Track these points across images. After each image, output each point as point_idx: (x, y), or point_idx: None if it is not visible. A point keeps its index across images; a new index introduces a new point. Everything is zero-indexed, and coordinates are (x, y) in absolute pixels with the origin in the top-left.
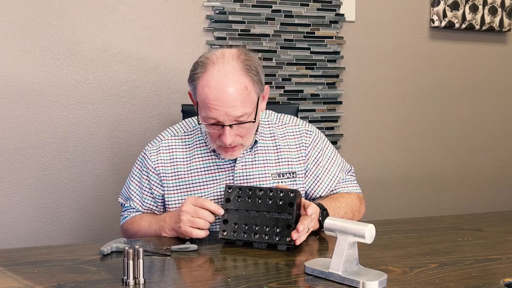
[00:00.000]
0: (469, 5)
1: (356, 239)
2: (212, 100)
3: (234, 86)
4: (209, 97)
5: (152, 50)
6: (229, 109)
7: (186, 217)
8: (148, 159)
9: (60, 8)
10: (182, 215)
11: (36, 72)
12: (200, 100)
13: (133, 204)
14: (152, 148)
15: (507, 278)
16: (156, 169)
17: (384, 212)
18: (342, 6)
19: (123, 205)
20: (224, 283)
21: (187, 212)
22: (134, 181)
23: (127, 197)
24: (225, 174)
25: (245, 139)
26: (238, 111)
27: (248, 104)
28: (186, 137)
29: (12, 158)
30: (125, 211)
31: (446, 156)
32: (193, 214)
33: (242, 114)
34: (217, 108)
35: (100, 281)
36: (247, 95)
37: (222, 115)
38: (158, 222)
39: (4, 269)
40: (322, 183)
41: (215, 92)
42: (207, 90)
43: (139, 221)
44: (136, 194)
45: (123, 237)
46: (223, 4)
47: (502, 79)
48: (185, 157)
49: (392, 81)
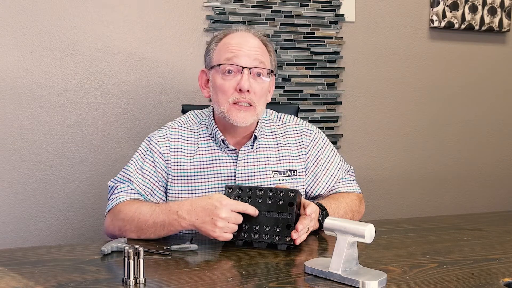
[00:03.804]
0: (468, 6)
1: (356, 239)
2: (235, 45)
3: (256, 40)
4: (232, 44)
5: (152, 50)
6: (251, 52)
7: (224, 224)
8: (156, 144)
9: (61, 8)
10: (220, 221)
11: (36, 72)
12: (220, 51)
13: (132, 186)
14: (159, 135)
15: (507, 278)
16: (164, 155)
17: (384, 212)
18: (341, 6)
19: (113, 188)
20: (224, 283)
21: (225, 219)
22: (134, 166)
23: (125, 180)
24: (227, 170)
25: (258, 99)
26: (258, 55)
27: (266, 56)
28: (191, 129)
29: (12, 158)
30: (119, 193)
31: (446, 156)
32: (231, 221)
33: (262, 60)
34: (239, 49)
35: (101, 280)
36: (265, 51)
37: (243, 56)
38: (168, 214)
39: (4, 269)
40: (321, 182)
41: (238, 40)
42: (230, 41)
43: (138, 206)
44: (137, 176)
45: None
46: (223, 4)
47: (501, 79)
48: (190, 149)
49: (391, 81)
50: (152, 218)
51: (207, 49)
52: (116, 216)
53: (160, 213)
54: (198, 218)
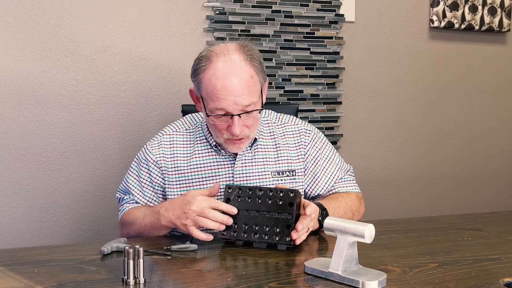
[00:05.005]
0: (468, 6)
1: (356, 239)
2: (221, 90)
3: (241, 75)
4: (217, 87)
5: (152, 50)
6: (237, 98)
7: (194, 216)
8: (150, 152)
9: (61, 8)
10: (191, 213)
11: (36, 72)
12: (207, 92)
13: (132, 197)
14: (153, 143)
15: (507, 278)
16: (157, 163)
17: (384, 212)
18: (341, 6)
19: (120, 200)
20: (224, 283)
21: (196, 212)
22: (133, 175)
23: (126, 191)
24: (225, 171)
25: (252, 130)
26: (246, 100)
27: (255, 93)
28: (187, 133)
29: (12, 158)
30: (124, 204)
31: (446, 156)
32: (204, 215)
33: (250, 103)
34: (226, 98)
35: (100, 280)
36: (253, 84)
37: (231, 104)
38: (153, 214)
39: (4, 269)
40: (320, 182)
41: (223, 82)
42: (214, 81)
43: (135, 212)
44: (135, 187)
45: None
46: (223, 4)
47: (501, 79)
48: (186, 153)
49: (391, 81)
50: (144, 221)
51: (193, 74)
52: (122, 225)
53: (149, 214)
54: (173, 214)
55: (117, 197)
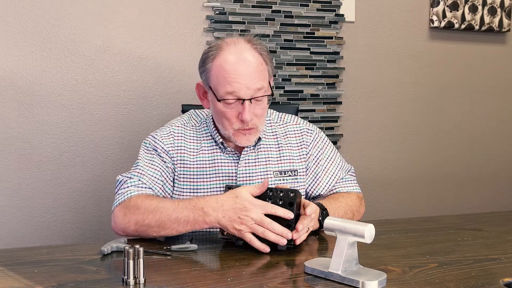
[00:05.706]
0: (468, 6)
1: (356, 239)
2: (232, 73)
3: (252, 60)
4: (229, 71)
5: (152, 50)
6: (249, 82)
7: (252, 224)
8: (160, 141)
9: (61, 8)
10: (248, 220)
11: (36, 72)
12: (217, 78)
13: (143, 179)
14: (163, 133)
15: (507, 278)
16: (169, 152)
17: (384, 212)
18: (342, 6)
19: (121, 183)
20: (224, 283)
21: (254, 220)
22: (143, 160)
23: (135, 174)
24: (228, 170)
25: (260, 121)
26: (257, 83)
27: (265, 78)
28: (194, 129)
29: (12, 158)
30: (130, 187)
31: (446, 156)
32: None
33: (261, 87)
34: (237, 81)
35: (100, 280)
36: (263, 70)
37: (243, 88)
38: (192, 210)
39: (4, 269)
40: (321, 182)
41: (234, 66)
42: (225, 65)
43: (160, 200)
44: (147, 169)
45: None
46: (223, 4)
47: (501, 79)
48: (193, 148)
49: (391, 81)
50: (176, 213)
51: (202, 64)
52: (132, 210)
53: (184, 208)
54: (224, 215)
55: (117, 180)
